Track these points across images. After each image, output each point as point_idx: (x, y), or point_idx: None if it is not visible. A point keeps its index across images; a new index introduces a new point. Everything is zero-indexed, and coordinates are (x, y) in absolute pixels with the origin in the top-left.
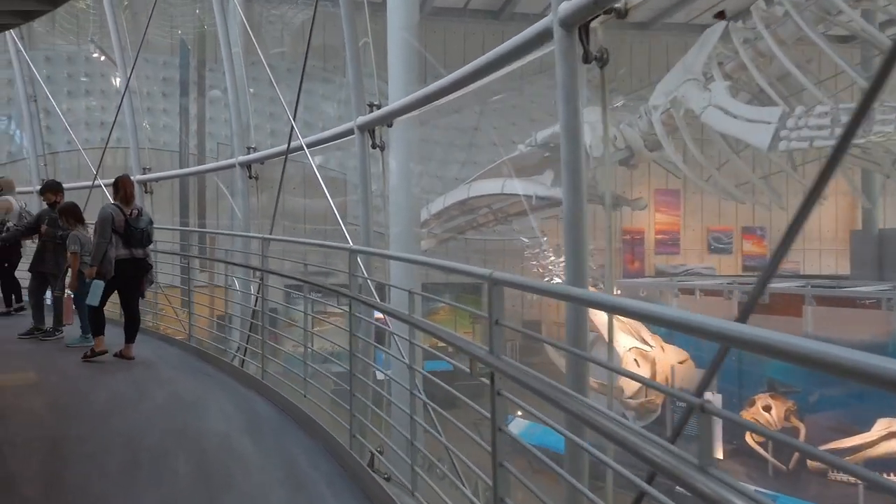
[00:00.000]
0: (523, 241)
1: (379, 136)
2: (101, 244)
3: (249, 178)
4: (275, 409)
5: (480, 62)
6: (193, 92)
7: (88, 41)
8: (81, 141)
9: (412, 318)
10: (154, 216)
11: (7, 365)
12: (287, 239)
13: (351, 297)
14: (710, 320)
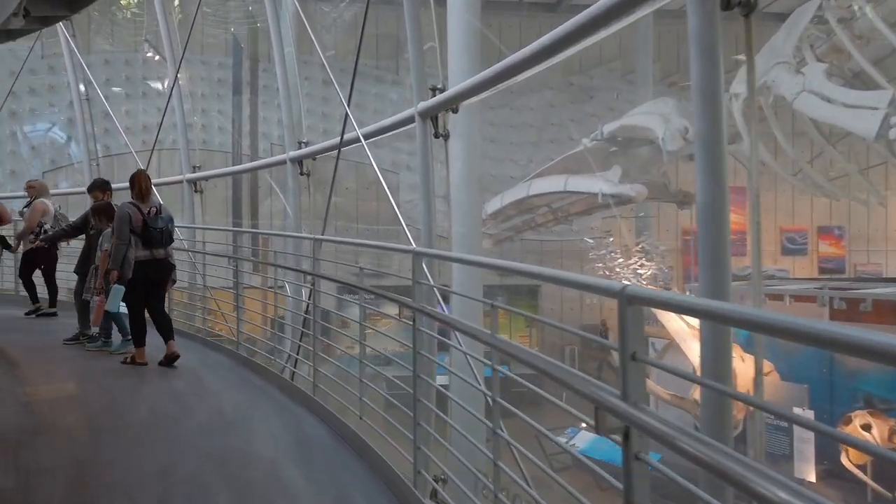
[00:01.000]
0: (587, 241)
1: (442, 125)
2: (120, 246)
3: (301, 175)
4: (327, 431)
5: (562, 30)
6: (246, 91)
7: (143, 41)
8: (139, 143)
9: (496, 339)
10: (205, 217)
11: (48, 374)
12: (341, 240)
13: (415, 309)
14: None
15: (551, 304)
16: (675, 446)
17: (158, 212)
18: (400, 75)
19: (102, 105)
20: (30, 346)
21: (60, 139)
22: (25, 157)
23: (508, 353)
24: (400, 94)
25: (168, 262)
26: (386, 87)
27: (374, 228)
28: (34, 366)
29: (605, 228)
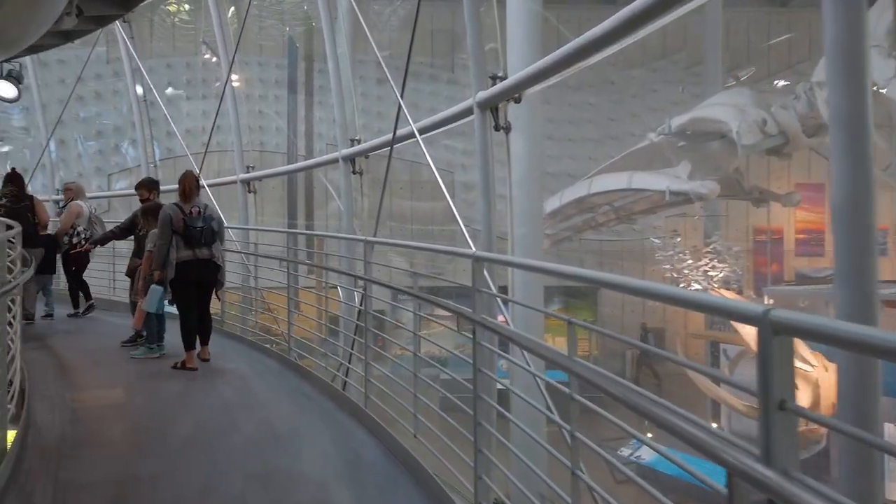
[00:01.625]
0: (654, 241)
1: (503, 116)
2: (162, 246)
3: (353, 174)
4: (380, 449)
5: (629, 11)
6: (301, 92)
7: (200, 42)
8: (198, 145)
9: (575, 363)
10: (261, 218)
11: (98, 379)
12: (393, 242)
13: (475, 322)
14: None
15: (611, 309)
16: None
17: (200, 212)
18: (455, 73)
19: (163, 108)
20: (84, 347)
21: (123, 143)
22: (91, 160)
23: (590, 380)
24: (454, 91)
25: (213, 262)
26: (441, 86)
27: (428, 229)
28: (85, 369)
29: (667, 228)
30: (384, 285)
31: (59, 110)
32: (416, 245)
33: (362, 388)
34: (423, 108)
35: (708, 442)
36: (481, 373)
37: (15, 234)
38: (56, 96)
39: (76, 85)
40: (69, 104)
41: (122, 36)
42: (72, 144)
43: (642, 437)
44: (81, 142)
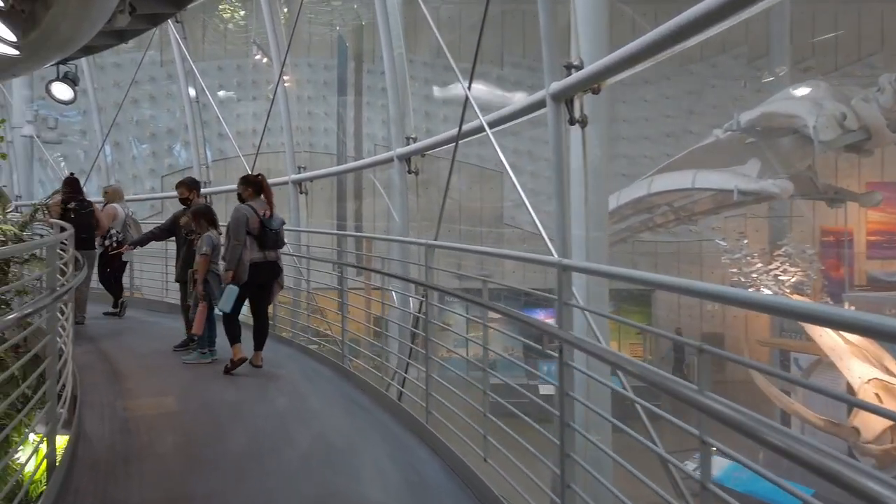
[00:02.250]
0: (719, 243)
1: (579, 109)
2: (237, 247)
3: (409, 174)
4: (443, 470)
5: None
6: (351, 92)
7: (252, 43)
8: (249, 147)
9: (708, 399)
10: (310, 219)
11: (151, 385)
12: (458, 246)
13: (562, 340)
14: None
15: (667, 312)
16: None
17: (272, 214)
18: (504, 70)
19: (215, 110)
20: (138, 351)
21: (176, 144)
22: (144, 162)
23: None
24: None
25: (278, 264)
26: (491, 84)
27: (477, 230)
28: (138, 375)
29: (727, 229)
30: (448, 292)
31: (115, 113)
32: (495, 252)
33: (422, 402)
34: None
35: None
36: (569, 397)
37: (67, 237)
38: (112, 99)
39: (130, 88)
40: (125, 107)
41: (174, 37)
42: (126, 147)
43: (728, 450)
44: (136, 144)
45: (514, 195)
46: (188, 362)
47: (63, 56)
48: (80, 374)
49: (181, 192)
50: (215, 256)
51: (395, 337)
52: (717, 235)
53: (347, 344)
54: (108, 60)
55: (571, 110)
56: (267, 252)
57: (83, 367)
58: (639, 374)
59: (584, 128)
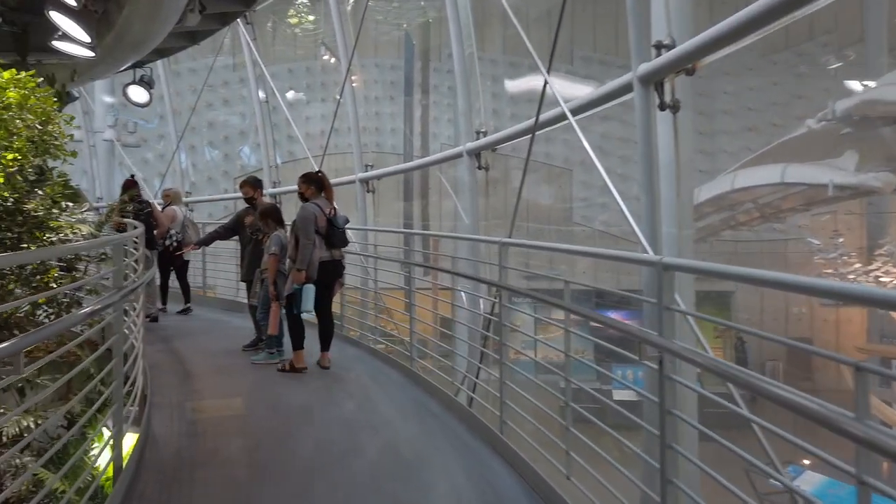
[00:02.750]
0: (812, 242)
1: (670, 93)
2: (307, 246)
3: (479, 170)
4: (521, 487)
5: None
6: (417, 91)
7: (320, 44)
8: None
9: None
10: (377, 218)
11: (219, 386)
12: (542, 245)
13: (663, 350)
14: None
15: (748, 314)
16: None
17: (336, 212)
18: (574, 66)
19: (284, 112)
20: (209, 350)
21: (247, 147)
22: (218, 164)
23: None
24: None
25: (342, 263)
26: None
27: (546, 229)
28: (207, 375)
29: (816, 227)
30: (527, 294)
31: (195, 118)
32: (584, 250)
33: (495, 410)
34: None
35: None
36: (672, 416)
37: (138, 235)
38: (188, 104)
39: (204, 92)
40: (200, 111)
41: (245, 39)
42: (201, 149)
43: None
44: (210, 147)
45: (584, 193)
46: (257, 362)
47: (137, 57)
48: (151, 374)
49: (245, 191)
50: (283, 256)
51: (463, 339)
52: (805, 234)
53: (415, 346)
54: (184, 66)
55: (662, 94)
56: (334, 251)
57: (155, 366)
58: (781, 400)
59: (675, 113)
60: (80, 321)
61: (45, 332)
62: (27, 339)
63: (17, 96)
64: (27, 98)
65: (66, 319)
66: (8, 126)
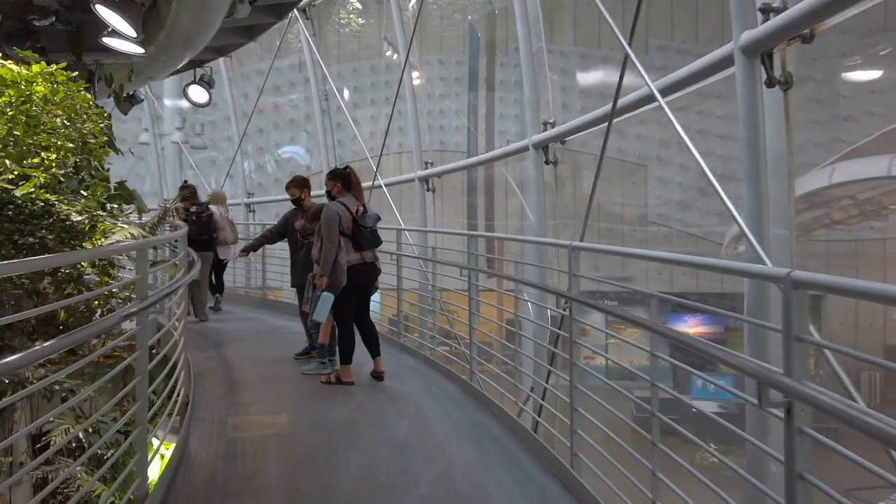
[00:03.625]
0: None
1: (780, 66)
2: (331, 249)
3: (546, 164)
4: None
5: None
6: (482, 87)
7: (382, 39)
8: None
9: None
10: (440, 219)
11: (265, 398)
12: (624, 251)
13: (794, 397)
14: None
15: (842, 324)
16: None
17: (366, 210)
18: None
19: (346, 112)
20: (260, 358)
21: (310, 148)
22: (282, 166)
23: None
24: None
25: (376, 266)
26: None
27: (618, 229)
28: (255, 387)
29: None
30: (605, 311)
31: (259, 120)
32: (680, 259)
33: (566, 440)
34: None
35: None
36: (804, 481)
37: (180, 237)
38: (251, 105)
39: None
40: (268, 112)
41: (303, 33)
42: (269, 150)
43: None
44: (274, 149)
45: (660, 190)
46: (307, 373)
47: (192, 54)
48: (197, 383)
49: (291, 192)
50: None
51: (529, 356)
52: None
53: (475, 359)
54: (251, 68)
55: (769, 67)
56: (364, 253)
57: (203, 374)
58: None
59: (786, 91)
60: (94, 335)
61: (47, 349)
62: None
63: (44, 90)
64: (56, 92)
65: (74, 335)
66: (38, 122)
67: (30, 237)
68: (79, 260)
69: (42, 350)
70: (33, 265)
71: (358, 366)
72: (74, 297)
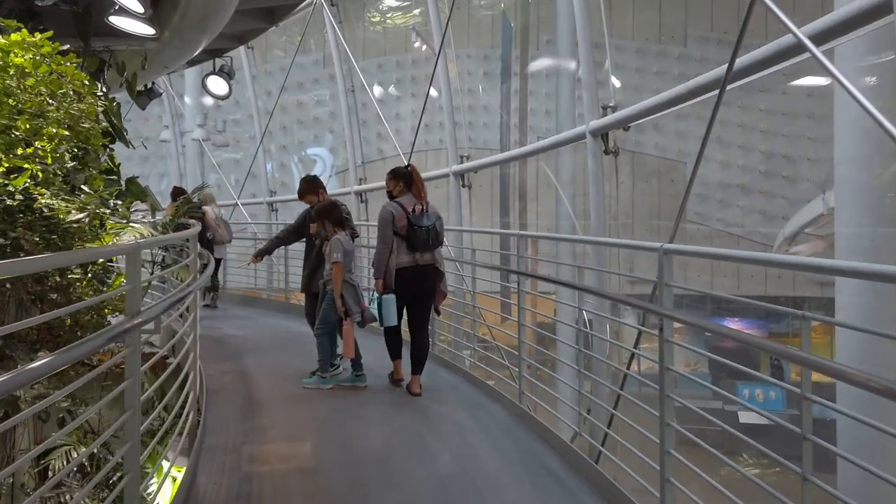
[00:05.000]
0: None
1: None
2: (383, 251)
3: (606, 154)
4: None
5: None
6: (515, 80)
7: (411, 29)
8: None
9: None
10: (473, 217)
11: (287, 423)
12: (716, 253)
13: None
14: None
15: None
16: None
17: (424, 209)
18: (688, 48)
19: (375, 108)
20: (282, 372)
21: (335, 146)
22: (312, 163)
23: None
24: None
25: (435, 268)
26: (670, 62)
27: (654, 226)
28: (275, 407)
29: None
30: (715, 331)
31: (282, 117)
32: (809, 263)
33: (654, 490)
34: (646, 88)
35: None
36: None
37: (191, 235)
38: (280, 103)
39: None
40: (290, 110)
41: (329, 19)
42: (293, 149)
43: None
44: (298, 148)
45: (699, 188)
46: (306, 386)
47: (208, 38)
48: (210, 401)
49: (308, 199)
50: (349, 263)
51: (602, 380)
52: None
53: (524, 377)
54: (276, 65)
55: None
56: (418, 255)
57: (216, 391)
58: None
59: None
60: (75, 359)
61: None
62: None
63: (24, 62)
64: (38, 64)
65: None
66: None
67: (1, 238)
68: (45, 267)
69: (28, 373)
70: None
71: (376, 374)
72: (45, 315)
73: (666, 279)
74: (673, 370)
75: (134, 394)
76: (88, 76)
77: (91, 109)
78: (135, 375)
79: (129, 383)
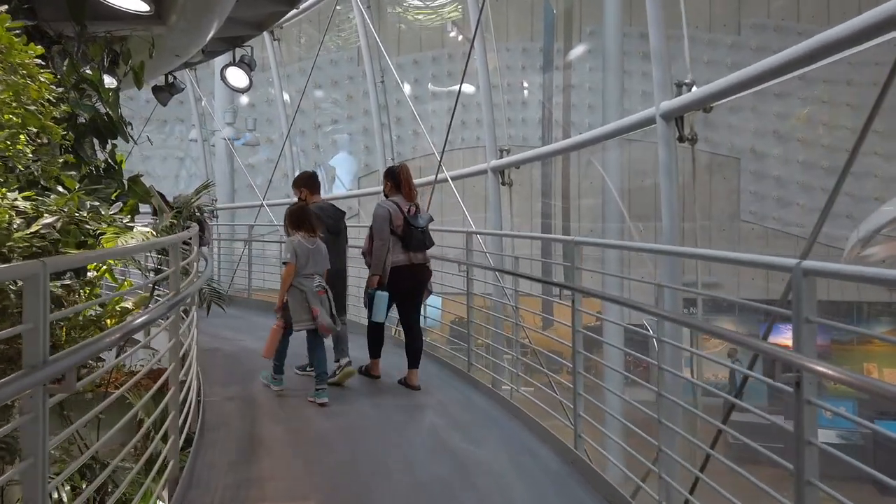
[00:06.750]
0: None
1: None
2: (381, 248)
3: (681, 143)
4: None
5: None
6: (557, 72)
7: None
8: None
9: None
10: (515, 220)
11: (286, 471)
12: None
13: None
14: None
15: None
16: None
17: (418, 210)
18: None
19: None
20: (290, 402)
21: (368, 144)
22: (340, 163)
23: None
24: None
25: (426, 267)
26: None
27: (706, 226)
28: (278, 447)
29: None
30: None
31: (315, 115)
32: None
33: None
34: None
35: None
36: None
37: (192, 236)
38: (311, 101)
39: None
40: (324, 108)
41: (357, 5)
42: (327, 148)
43: None
44: (331, 146)
45: (754, 185)
46: (262, 380)
47: (219, 21)
48: (202, 438)
49: (295, 192)
50: (307, 266)
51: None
52: None
53: (581, 416)
54: (308, 64)
55: None
56: (413, 254)
57: (214, 426)
58: None
59: None
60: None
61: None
62: None
63: None
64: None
65: None
66: None
67: None
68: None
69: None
70: None
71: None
72: None
73: (806, 312)
74: (815, 443)
75: (35, 485)
76: (43, 49)
77: (44, 88)
78: (35, 455)
79: (28, 464)
